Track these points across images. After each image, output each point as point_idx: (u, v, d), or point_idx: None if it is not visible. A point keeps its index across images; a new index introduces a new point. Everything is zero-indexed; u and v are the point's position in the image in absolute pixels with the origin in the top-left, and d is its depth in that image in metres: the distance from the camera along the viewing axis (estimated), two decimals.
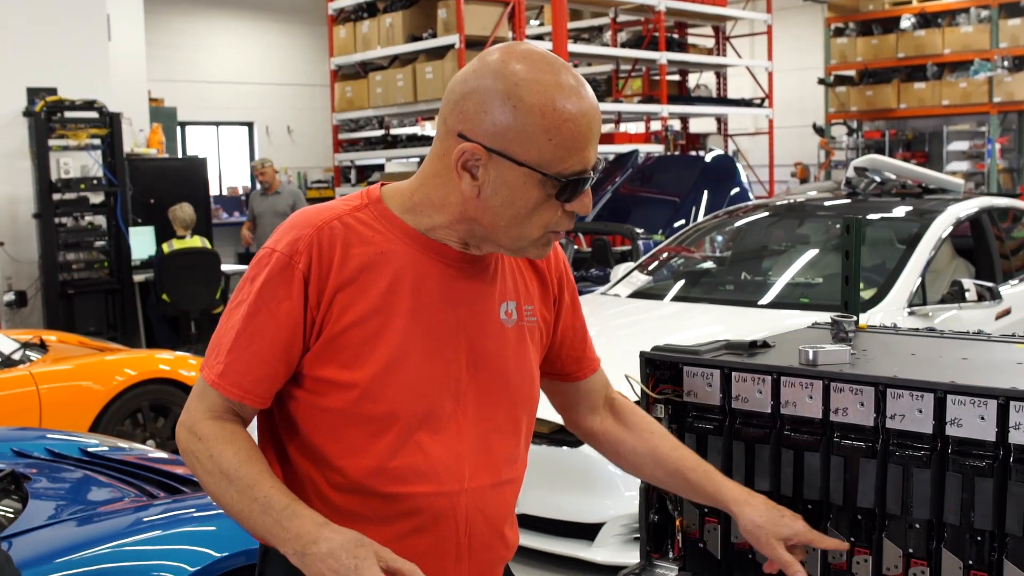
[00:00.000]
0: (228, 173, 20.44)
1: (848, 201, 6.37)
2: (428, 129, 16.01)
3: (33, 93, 9.97)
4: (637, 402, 1.95)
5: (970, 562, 1.67)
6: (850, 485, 1.77)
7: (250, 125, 20.50)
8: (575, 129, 1.55)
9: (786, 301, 5.49)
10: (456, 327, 1.66)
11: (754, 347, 1.96)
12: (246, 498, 1.54)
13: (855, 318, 2.12)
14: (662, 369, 1.96)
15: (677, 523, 1.98)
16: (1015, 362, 1.86)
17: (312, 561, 1.47)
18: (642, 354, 1.97)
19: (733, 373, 1.86)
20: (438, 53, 11.51)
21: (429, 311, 1.64)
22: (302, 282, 1.59)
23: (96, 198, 10.00)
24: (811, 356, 1.83)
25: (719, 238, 7.14)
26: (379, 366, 1.61)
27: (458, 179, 1.59)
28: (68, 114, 9.87)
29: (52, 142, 9.81)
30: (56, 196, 9.75)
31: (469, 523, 1.68)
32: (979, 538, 1.65)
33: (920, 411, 1.68)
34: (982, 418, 1.62)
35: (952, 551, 1.69)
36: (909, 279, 5.27)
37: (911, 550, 1.73)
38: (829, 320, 2.12)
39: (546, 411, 4.44)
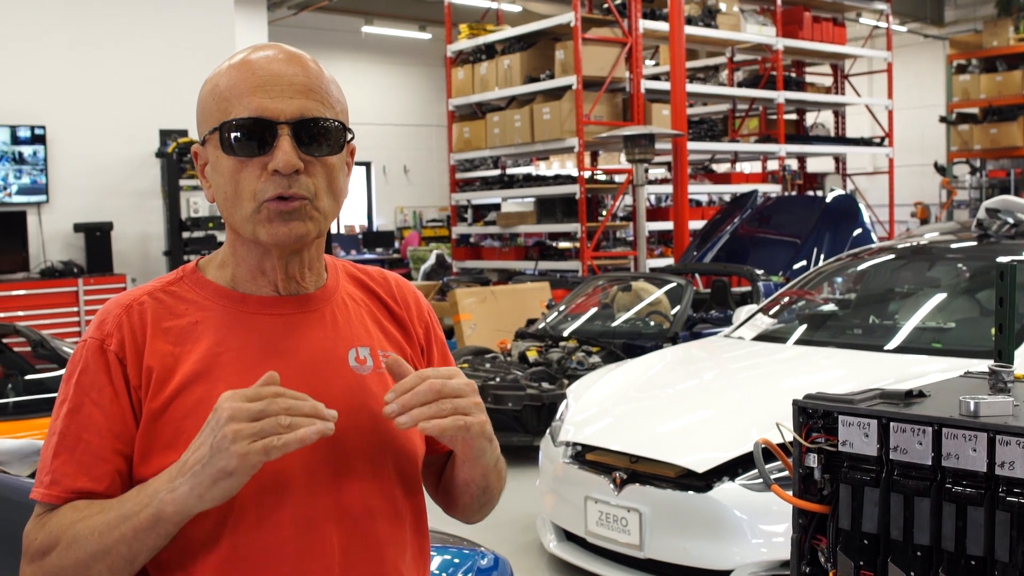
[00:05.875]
0: (345, 212, 20.90)
1: (977, 244, 6.21)
2: (542, 169, 16.15)
3: (165, 135, 10.39)
4: (782, 446, 1.92)
5: None
6: (1016, 542, 1.72)
7: (367, 165, 20.97)
8: (233, 79, 1.48)
9: (913, 346, 5.35)
10: (294, 382, 1.41)
11: (910, 396, 1.92)
12: (113, 533, 1.36)
13: (1012, 368, 2.06)
14: (815, 418, 1.94)
15: (831, 575, 1.95)
16: None
17: (190, 479, 1.31)
18: (795, 402, 1.94)
19: (891, 423, 1.83)
20: (555, 94, 11.62)
21: (257, 369, 1.41)
22: (118, 363, 1.44)
23: (223, 236, 10.32)
24: (972, 407, 1.79)
25: (843, 280, 7.02)
26: None
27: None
28: None
29: (183, 182, 10.21)
30: (185, 234, 10.11)
31: None
32: None
33: None
34: None
35: None
36: None
37: None
38: (986, 369, 2.06)
39: (670, 454, 4.45)
